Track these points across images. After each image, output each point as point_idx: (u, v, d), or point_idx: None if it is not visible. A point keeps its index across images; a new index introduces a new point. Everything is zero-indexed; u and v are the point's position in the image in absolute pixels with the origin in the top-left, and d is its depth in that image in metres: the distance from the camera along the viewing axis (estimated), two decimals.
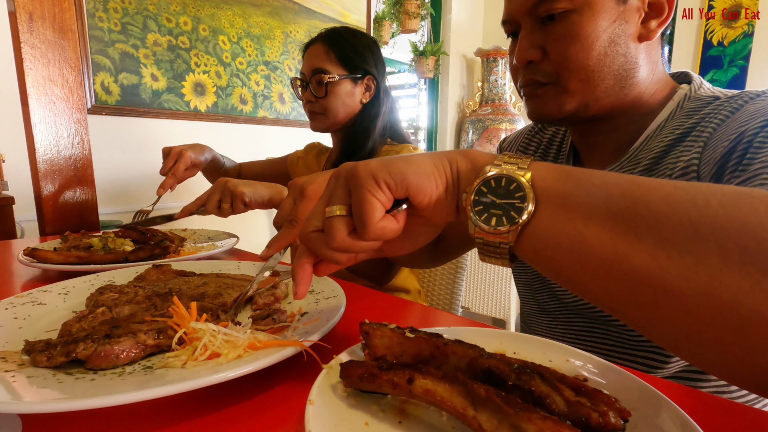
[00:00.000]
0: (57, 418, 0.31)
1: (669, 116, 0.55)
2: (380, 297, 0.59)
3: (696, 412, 0.29)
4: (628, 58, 0.53)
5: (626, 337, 0.56)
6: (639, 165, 0.54)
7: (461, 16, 3.76)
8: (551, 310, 0.66)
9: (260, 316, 0.42)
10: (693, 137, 0.50)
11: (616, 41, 0.52)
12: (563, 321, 0.64)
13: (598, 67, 0.52)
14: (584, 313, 0.60)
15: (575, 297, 0.61)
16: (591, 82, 0.53)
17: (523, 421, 0.22)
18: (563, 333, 0.64)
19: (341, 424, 0.27)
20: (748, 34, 2.84)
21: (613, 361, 0.55)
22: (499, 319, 2.07)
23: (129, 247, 0.77)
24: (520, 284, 0.74)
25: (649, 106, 0.57)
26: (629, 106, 0.56)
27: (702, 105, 0.53)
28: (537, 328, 0.70)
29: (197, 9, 1.97)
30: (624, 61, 0.53)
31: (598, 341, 0.59)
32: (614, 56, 0.52)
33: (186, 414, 0.31)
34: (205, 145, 1.14)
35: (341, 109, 1.05)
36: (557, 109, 0.55)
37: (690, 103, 0.54)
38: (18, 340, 0.39)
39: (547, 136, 0.73)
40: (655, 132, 0.55)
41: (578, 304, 0.61)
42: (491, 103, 3.62)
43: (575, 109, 0.55)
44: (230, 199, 0.80)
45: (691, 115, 0.53)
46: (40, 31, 0.99)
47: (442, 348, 0.30)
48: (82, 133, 1.09)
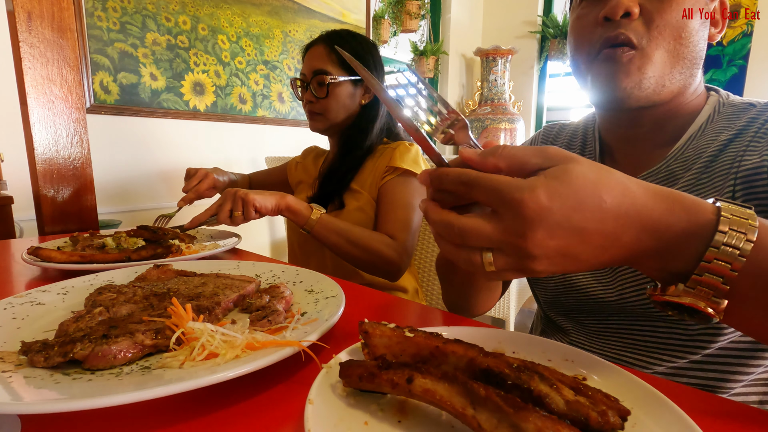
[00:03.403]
0: (55, 419, 0.31)
1: (709, 119, 0.56)
2: (379, 296, 0.59)
3: (696, 411, 0.29)
4: (703, 46, 0.54)
5: (665, 329, 0.55)
6: (691, 165, 0.54)
7: (461, 16, 3.76)
8: (583, 310, 0.64)
9: (258, 318, 0.42)
10: (748, 139, 0.51)
11: (704, 23, 0.53)
12: (599, 319, 0.63)
13: (686, 42, 0.52)
14: (624, 310, 0.59)
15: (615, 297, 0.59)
16: (675, 55, 0.52)
17: (523, 421, 0.22)
18: (602, 331, 0.63)
19: (340, 423, 0.27)
20: (747, 34, 2.84)
21: (651, 355, 0.56)
22: (498, 318, 2.07)
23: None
24: (539, 290, 0.72)
25: (692, 106, 0.58)
26: (680, 100, 0.56)
27: (740, 110, 0.55)
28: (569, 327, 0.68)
29: (196, 8, 1.96)
30: (701, 48, 0.53)
31: (637, 337, 0.58)
32: (699, 39, 0.52)
33: (184, 414, 0.31)
34: (222, 169, 1.21)
35: (341, 110, 1.06)
36: (637, 83, 0.53)
37: (726, 108, 0.56)
38: (16, 340, 0.39)
39: (566, 138, 0.72)
40: (698, 133, 0.56)
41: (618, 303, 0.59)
42: (491, 103, 3.62)
43: (652, 87, 0.53)
44: (241, 207, 0.84)
45: (732, 119, 0.54)
46: (38, 30, 0.99)
47: (442, 347, 0.30)
48: (81, 132, 1.09)
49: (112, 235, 0.83)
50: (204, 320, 0.41)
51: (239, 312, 0.49)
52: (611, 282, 0.59)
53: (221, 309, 0.46)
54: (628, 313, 0.58)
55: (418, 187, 1.02)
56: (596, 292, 0.61)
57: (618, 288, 0.57)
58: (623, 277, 0.57)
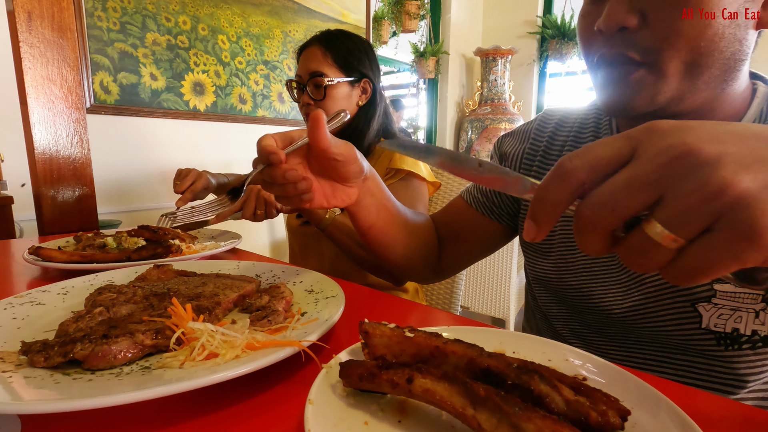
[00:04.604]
0: (55, 419, 0.31)
1: (760, 116, 0.47)
2: (379, 296, 0.58)
3: (695, 411, 0.29)
4: (743, 46, 0.43)
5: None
6: None
7: (461, 16, 3.76)
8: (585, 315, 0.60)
9: (258, 318, 0.42)
10: None
11: (737, 22, 0.42)
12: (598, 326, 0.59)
13: (710, 50, 0.42)
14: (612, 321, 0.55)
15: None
16: (696, 67, 0.42)
17: (523, 421, 0.22)
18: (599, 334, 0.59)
19: (341, 423, 0.27)
20: None
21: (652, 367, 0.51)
22: (498, 318, 2.08)
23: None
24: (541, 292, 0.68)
25: (737, 104, 0.48)
26: (720, 102, 0.47)
27: None
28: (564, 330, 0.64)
29: (196, 8, 1.96)
30: (738, 49, 0.43)
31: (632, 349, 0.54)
32: (731, 40, 0.42)
33: (184, 414, 0.31)
34: (210, 171, 1.19)
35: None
36: (648, 101, 0.44)
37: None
38: (16, 340, 0.39)
39: (571, 131, 0.63)
40: None
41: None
42: (490, 103, 3.62)
43: (667, 100, 0.44)
44: (264, 206, 0.87)
45: None
46: (38, 30, 0.99)
47: (442, 347, 0.30)
48: (81, 132, 1.09)
49: (113, 235, 0.83)
50: (204, 320, 0.41)
51: (239, 312, 0.49)
52: (638, 305, 0.52)
53: (221, 309, 0.46)
54: (661, 343, 0.52)
55: (420, 188, 1.01)
56: (628, 321, 0.53)
57: (652, 316, 0.51)
58: (658, 303, 0.50)
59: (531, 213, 0.27)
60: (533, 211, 0.27)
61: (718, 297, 0.46)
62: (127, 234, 0.82)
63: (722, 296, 0.46)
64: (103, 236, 0.85)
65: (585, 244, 0.26)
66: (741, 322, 0.46)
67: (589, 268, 0.58)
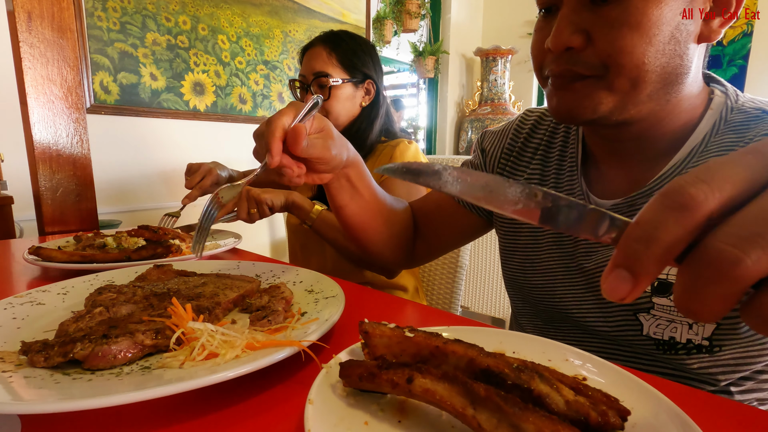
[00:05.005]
0: (55, 419, 0.31)
1: (713, 129, 0.49)
2: (379, 296, 0.59)
3: (695, 411, 0.29)
4: (684, 61, 0.46)
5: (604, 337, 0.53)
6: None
7: (461, 16, 3.76)
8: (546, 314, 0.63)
9: (258, 318, 0.42)
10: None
11: (677, 38, 0.44)
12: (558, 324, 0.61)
13: (652, 66, 0.44)
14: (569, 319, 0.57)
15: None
16: (640, 82, 0.45)
17: (522, 421, 0.22)
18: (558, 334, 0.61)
19: (341, 423, 0.27)
20: (747, 34, 2.84)
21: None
22: (498, 318, 2.07)
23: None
24: (512, 288, 0.70)
25: (687, 115, 0.51)
26: (666, 113, 0.49)
27: (749, 119, 0.48)
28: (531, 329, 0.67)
29: (196, 8, 1.96)
30: (679, 64, 0.45)
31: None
32: (671, 56, 0.45)
33: (184, 414, 0.31)
34: (221, 163, 1.20)
35: (342, 112, 1.06)
36: (591, 109, 0.47)
37: (734, 115, 0.49)
38: (16, 340, 0.39)
39: (546, 133, 0.65)
40: (701, 145, 0.49)
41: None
42: (490, 103, 3.62)
43: (610, 110, 0.47)
44: (256, 206, 0.88)
45: (741, 131, 0.47)
46: (38, 30, 0.99)
47: (442, 347, 0.30)
48: (81, 132, 1.09)
49: (113, 235, 0.83)
50: (204, 320, 0.41)
51: (239, 312, 0.49)
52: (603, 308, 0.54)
53: (221, 309, 0.46)
54: (617, 343, 0.54)
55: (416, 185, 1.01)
56: (585, 322, 0.56)
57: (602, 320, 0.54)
58: (608, 309, 0.53)
59: (625, 259, 0.20)
60: (630, 256, 0.20)
61: (656, 309, 0.49)
62: (127, 234, 0.82)
63: (659, 308, 0.49)
64: (103, 236, 0.85)
65: (705, 302, 0.18)
66: (677, 332, 0.48)
67: (552, 270, 0.60)
